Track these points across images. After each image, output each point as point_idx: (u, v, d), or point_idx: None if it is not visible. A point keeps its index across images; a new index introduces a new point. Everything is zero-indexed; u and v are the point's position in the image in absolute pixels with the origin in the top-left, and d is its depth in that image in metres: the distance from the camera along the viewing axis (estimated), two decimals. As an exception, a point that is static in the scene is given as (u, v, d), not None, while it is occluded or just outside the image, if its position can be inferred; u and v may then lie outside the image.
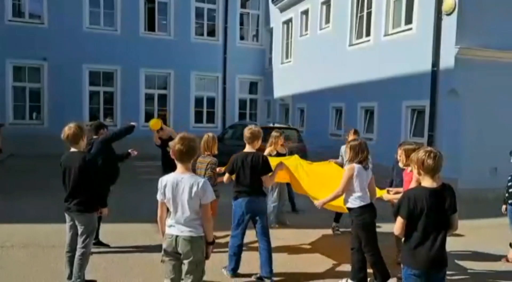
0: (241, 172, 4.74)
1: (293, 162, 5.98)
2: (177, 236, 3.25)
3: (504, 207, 5.78)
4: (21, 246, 5.68)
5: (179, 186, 3.23)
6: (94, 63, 16.81)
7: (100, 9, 17.12)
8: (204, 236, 3.30)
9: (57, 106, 15.97)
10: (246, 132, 4.84)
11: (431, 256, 3.04)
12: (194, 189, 3.20)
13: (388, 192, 4.99)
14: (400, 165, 4.88)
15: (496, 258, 5.79)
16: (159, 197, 3.33)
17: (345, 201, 4.57)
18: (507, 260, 5.59)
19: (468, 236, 6.52)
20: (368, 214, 4.46)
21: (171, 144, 3.33)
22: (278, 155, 6.79)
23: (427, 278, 3.10)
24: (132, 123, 6.01)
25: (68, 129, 4.19)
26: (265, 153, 6.37)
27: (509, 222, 5.69)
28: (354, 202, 4.47)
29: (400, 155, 4.80)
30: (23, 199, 8.32)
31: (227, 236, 5.30)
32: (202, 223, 3.28)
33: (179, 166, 3.30)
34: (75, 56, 16.26)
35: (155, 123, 6.57)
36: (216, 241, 3.95)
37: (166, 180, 3.28)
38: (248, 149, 4.83)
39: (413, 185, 4.01)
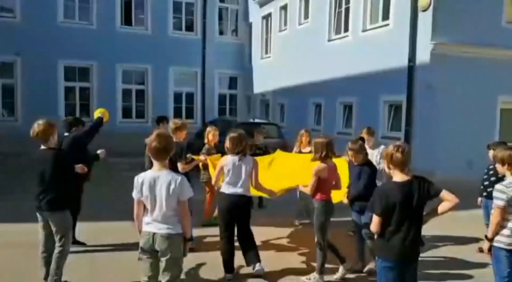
0: None
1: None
2: (154, 234, 3.23)
3: (479, 199, 5.92)
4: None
5: (156, 183, 3.21)
6: (69, 58, 16.41)
7: (75, 2, 16.72)
8: (181, 233, 3.28)
9: (31, 102, 15.53)
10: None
11: (405, 248, 3.12)
12: (172, 186, 3.18)
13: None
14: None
15: (470, 248, 5.95)
16: (135, 195, 3.29)
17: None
18: (480, 251, 5.73)
19: (442, 227, 6.65)
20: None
21: (147, 140, 3.29)
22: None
23: (401, 269, 3.17)
24: (99, 115, 5.81)
25: (37, 126, 4.07)
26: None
27: (483, 214, 5.84)
28: None
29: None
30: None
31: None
32: (179, 220, 3.27)
33: (156, 163, 3.26)
34: (49, 51, 15.84)
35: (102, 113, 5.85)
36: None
37: (143, 177, 3.25)
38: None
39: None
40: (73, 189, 4.87)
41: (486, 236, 3.72)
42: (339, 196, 5.24)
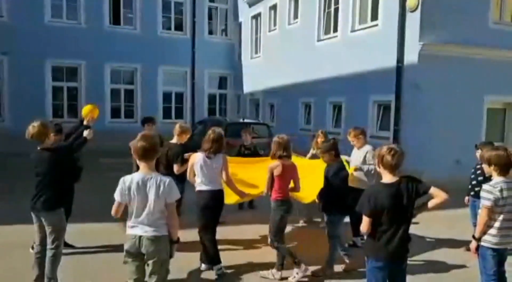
0: None
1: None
2: (140, 236, 3.20)
3: (466, 198, 5.99)
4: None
5: (146, 185, 3.18)
6: (57, 57, 16.25)
7: (63, 1, 16.55)
8: (167, 235, 3.28)
9: (18, 102, 15.34)
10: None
11: (394, 248, 3.15)
12: (161, 188, 3.17)
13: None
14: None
15: (458, 247, 6.01)
16: (120, 197, 3.22)
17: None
18: (467, 250, 5.79)
19: (430, 226, 6.74)
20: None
21: (131, 143, 3.24)
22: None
23: (390, 269, 3.21)
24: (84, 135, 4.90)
25: (32, 128, 4.08)
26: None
27: (470, 213, 5.91)
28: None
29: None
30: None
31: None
32: (166, 222, 3.26)
33: (143, 165, 3.23)
34: (37, 50, 15.66)
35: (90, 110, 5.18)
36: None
37: (131, 180, 3.21)
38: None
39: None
40: (68, 189, 4.85)
41: (473, 236, 3.76)
42: (311, 195, 5.33)
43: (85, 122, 4.99)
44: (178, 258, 3.76)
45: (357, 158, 5.98)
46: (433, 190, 3.22)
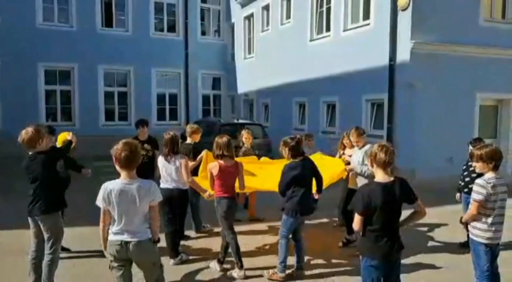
0: None
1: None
2: (127, 242, 3.21)
3: (458, 195, 6.04)
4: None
5: (128, 193, 3.18)
6: (50, 61, 16.16)
7: (54, 4, 16.47)
8: (151, 237, 3.32)
9: (11, 106, 15.26)
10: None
11: (388, 247, 3.19)
12: (142, 192, 3.19)
13: None
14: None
15: (452, 243, 6.07)
16: (102, 203, 3.21)
17: None
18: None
19: (423, 223, 6.79)
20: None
21: (112, 151, 3.21)
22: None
23: (385, 267, 3.24)
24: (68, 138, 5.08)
25: (25, 133, 4.11)
26: None
27: (463, 209, 5.95)
28: None
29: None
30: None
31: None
32: (149, 224, 3.30)
33: (124, 173, 3.21)
34: (29, 54, 15.59)
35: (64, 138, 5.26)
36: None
37: (112, 188, 3.19)
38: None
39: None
40: (63, 192, 4.82)
41: (460, 220, 3.90)
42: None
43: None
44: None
45: (357, 158, 5.79)
46: (419, 203, 3.29)
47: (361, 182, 5.60)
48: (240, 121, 13.07)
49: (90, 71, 16.78)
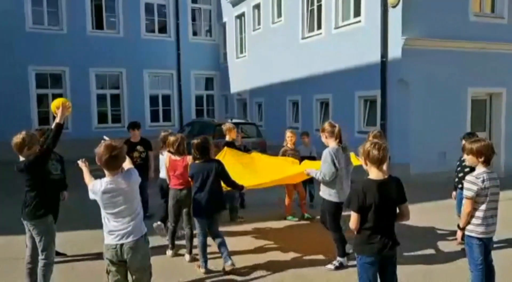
0: None
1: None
2: (121, 245, 3.23)
3: (454, 193, 6.01)
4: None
5: (116, 192, 3.20)
6: (41, 64, 16.07)
7: (44, 8, 16.36)
8: (145, 232, 3.34)
9: (2, 111, 15.13)
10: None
11: (383, 244, 3.19)
12: (132, 180, 3.26)
13: None
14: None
15: (447, 238, 6.11)
16: (93, 195, 3.28)
17: None
18: (459, 244, 5.87)
19: (418, 218, 6.81)
20: None
21: (96, 150, 3.19)
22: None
23: (381, 264, 3.25)
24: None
25: (16, 138, 4.12)
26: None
27: (457, 204, 5.98)
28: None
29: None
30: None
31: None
32: (140, 217, 3.33)
33: (110, 173, 3.22)
34: (19, 58, 15.50)
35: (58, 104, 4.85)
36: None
37: (99, 188, 3.21)
38: None
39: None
40: (53, 195, 4.79)
41: (458, 226, 3.84)
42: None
43: (57, 120, 4.70)
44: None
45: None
46: (406, 205, 3.29)
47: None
48: (234, 121, 13.04)
49: (82, 74, 16.69)
